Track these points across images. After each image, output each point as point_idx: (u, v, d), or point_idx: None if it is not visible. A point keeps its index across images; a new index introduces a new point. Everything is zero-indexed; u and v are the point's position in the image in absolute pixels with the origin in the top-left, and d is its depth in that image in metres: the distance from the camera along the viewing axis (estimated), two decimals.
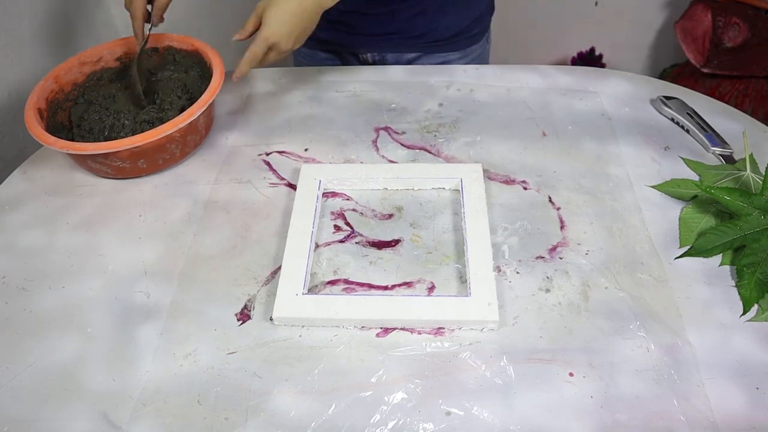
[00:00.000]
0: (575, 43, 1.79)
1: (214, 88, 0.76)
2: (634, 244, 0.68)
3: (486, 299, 0.60)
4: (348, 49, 1.01)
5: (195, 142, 0.80)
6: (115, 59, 0.87)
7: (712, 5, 1.51)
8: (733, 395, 0.54)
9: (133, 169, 0.76)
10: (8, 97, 0.87)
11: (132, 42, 0.87)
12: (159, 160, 0.77)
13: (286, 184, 0.77)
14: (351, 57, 1.02)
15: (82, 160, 0.77)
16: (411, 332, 0.60)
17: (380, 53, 1.01)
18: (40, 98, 0.78)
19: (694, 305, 0.62)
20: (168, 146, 0.76)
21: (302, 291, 0.61)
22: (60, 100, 0.82)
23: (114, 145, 0.71)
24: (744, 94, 1.55)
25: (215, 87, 0.77)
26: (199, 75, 0.87)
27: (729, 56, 1.52)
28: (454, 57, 1.01)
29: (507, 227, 0.70)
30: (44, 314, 0.63)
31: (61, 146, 0.71)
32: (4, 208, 0.76)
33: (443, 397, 0.55)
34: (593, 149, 0.80)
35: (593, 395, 0.55)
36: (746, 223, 0.65)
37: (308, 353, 0.59)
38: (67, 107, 0.83)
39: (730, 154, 0.77)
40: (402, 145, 0.82)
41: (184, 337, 0.60)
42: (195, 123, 0.77)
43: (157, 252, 0.69)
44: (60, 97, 0.82)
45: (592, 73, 0.93)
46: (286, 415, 0.54)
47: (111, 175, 0.77)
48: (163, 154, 0.76)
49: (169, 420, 0.54)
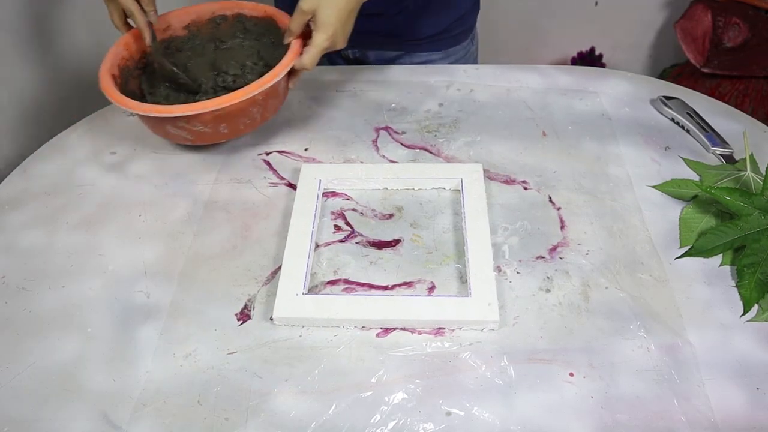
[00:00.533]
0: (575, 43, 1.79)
1: (296, 50, 0.74)
2: (634, 244, 0.68)
3: (486, 299, 0.60)
4: None
5: (275, 107, 0.79)
6: (182, 27, 0.86)
7: (712, 5, 1.51)
8: (733, 395, 0.54)
9: (214, 134, 0.75)
10: (8, 97, 0.87)
11: (201, 10, 0.86)
12: (240, 125, 0.76)
13: (286, 183, 0.77)
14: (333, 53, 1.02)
15: (160, 125, 0.74)
16: (411, 332, 0.60)
17: (361, 50, 1.01)
18: (113, 65, 0.77)
19: (695, 305, 0.62)
20: (250, 110, 0.74)
21: (302, 291, 0.61)
22: (130, 67, 0.81)
23: (199, 107, 0.69)
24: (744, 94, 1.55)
25: (297, 49, 0.75)
26: (271, 42, 0.85)
27: (729, 56, 1.52)
28: (436, 57, 1.00)
29: (507, 227, 0.70)
30: (44, 314, 0.63)
31: (145, 109, 0.70)
32: (4, 208, 0.76)
33: (443, 398, 0.55)
34: (593, 149, 0.80)
35: (593, 395, 0.55)
36: (746, 223, 0.65)
37: (308, 353, 0.59)
38: (137, 75, 0.82)
39: (730, 154, 0.77)
40: (402, 145, 0.82)
41: (184, 337, 0.60)
42: (276, 86, 0.75)
43: (157, 252, 0.69)
44: (130, 65, 0.81)
45: (592, 73, 0.93)
46: (287, 416, 0.54)
47: (189, 140, 0.76)
48: (244, 119, 0.75)
49: (169, 420, 0.54)
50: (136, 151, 0.83)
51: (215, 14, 0.86)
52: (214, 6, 0.86)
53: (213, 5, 0.86)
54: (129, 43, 0.81)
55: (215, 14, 0.86)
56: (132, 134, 0.86)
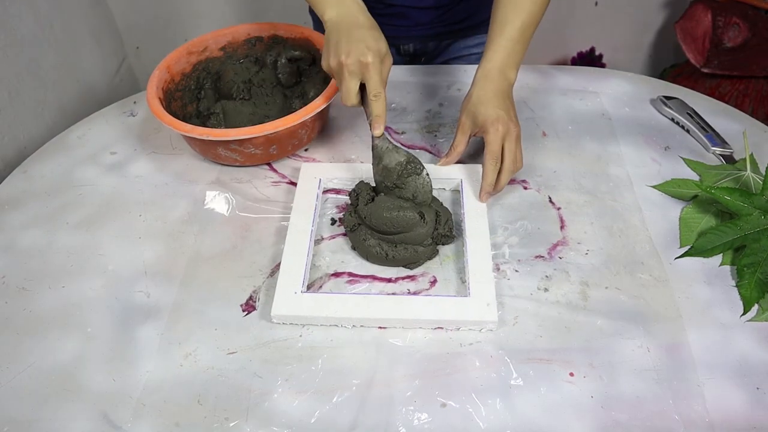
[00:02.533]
0: (575, 43, 1.79)
1: None
2: (634, 244, 0.68)
3: (485, 299, 0.60)
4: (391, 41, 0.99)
5: (319, 128, 0.81)
6: (219, 48, 0.87)
7: (712, 5, 1.51)
8: (733, 395, 0.54)
9: (264, 156, 0.77)
10: (8, 97, 0.87)
11: (237, 31, 0.87)
12: (289, 146, 0.77)
13: (286, 182, 0.77)
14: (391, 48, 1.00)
15: (210, 148, 0.75)
16: (410, 331, 0.60)
17: (422, 43, 0.99)
18: (158, 88, 0.78)
19: (694, 305, 0.62)
20: (299, 132, 0.76)
21: (301, 289, 0.61)
22: (171, 89, 0.82)
23: (255, 131, 0.71)
24: (744, 94, 1.55)
25: None
26: (308, 64, 0.86)
27: (729, 56, 1.51)
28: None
29: (507, 227, 0.70)
30: (44, 314, 0.63)
31: (200, 133, 0.71)
32: (4, 207, 0.76)
33: (443, 397, 0.55)
34: (593, 149, 0.80)
35: (593, 395, 0.55)
36: (746, 223, 0.65)
37: (308, 353, 0.59)
38: (177, 97, 0.83)
39: (730, 154, 0.77)
40: (402, 145, 0.81)
41: (185, 337, 0.60)
42: (326, 110, 0.77)
43: (157, 252, 0.69)
44: (171, 87, 0.82)
45: (592, 73, 0.93)
46: (287, 415, 0.54)
47: (239, 162, 0.77)
48: (293, 140, 0.77)
49: (169, 420, 0.54)
50: (136, 151, 0.83)
51: (251, 35, 0.88)
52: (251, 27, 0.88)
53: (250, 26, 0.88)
54: (170, 66, 0.82)
55: (251, 35, 0.88)
56: (132, 134, 0.86)
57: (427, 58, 1.02)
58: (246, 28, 0.88)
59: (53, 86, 0.98)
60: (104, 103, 0.94)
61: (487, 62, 0.72)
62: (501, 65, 0.71)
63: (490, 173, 0.68)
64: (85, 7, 1.15)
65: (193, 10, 1.49)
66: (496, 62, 0.71)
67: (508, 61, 0.71)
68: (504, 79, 0.71)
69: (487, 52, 0.72)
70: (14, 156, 0.87)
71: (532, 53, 0.76)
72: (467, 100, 0.72)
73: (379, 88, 0.66)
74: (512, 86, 0.73)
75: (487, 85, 0.71)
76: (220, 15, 1.51)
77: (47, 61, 0.98)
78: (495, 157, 0.68)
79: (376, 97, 0.66)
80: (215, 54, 0.87)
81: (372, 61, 0.65)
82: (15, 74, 0.89)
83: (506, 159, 0.68)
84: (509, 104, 0.71)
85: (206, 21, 1.51)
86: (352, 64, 0.65)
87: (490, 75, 0.71)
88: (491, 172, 0.68)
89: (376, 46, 0.66)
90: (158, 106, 0.75)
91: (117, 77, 1.26)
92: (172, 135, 0.85)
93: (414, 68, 0.95)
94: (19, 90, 0.90)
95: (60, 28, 1.03)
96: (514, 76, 0.73)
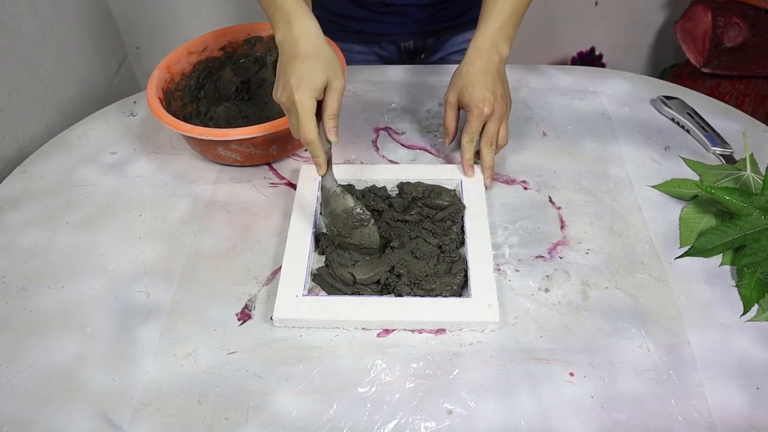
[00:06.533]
0: (575, 43, 1.79)
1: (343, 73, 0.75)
2: (634, 243, 0.68)
3: (486, 300, 0.60)
4: (391, 39, 0.98)
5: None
6: (219, 48, 0.87)
7: (712, 5, 1.51)
8: (733, 395, 0.54)
9: (264, 156, 0.77)
10: (8, 97, 0.87)
11: (237, 30, 0.87)
12: (289, 146, 0.78)
13: (286, 183, 0.77)
14: (391, 46, 1.00)
15: (211, 148, 0.75)
16: (412, 332, 0.60)
17: (422, 39, 0.99)
18: (158, 88, 0.78)
19: (694, 305, 0.62)
20: None
21: (302, 292, 0.61)
22: (171, 89, 0.82)
23: (255, 131, 0.71)
24: (744, 94, 1.55)
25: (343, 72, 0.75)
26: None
27: (729, 56, 1.51)
28: None
29: (507, 227, 0.70)
30: (44, 314, 0.63)
31: (200, 133, 0.71)
32: (4, 207, 0.76)
33: (444, 397, 0.55)
34: (593, 149, 0.80)
35: (593, 395, 0.55)
36: (746, 223, 0.65)
37: (309, 353, 0.59)
38: (177, 97, 0.83)
39: (730, 154, 0.77)
40: (402, 145, 0.82)
41: (184, 337, 0.60)
42: None
43: (157, 252, 0.69)
44: (171, 87, 0.82)
45: (592, 73, 0.93)
46: (287, 415, 0.54)
47: (239, 162, 0.77)
48: (293, 140, 0.77)
49: (169, 420, 0.54)
50: (136, 151, 0.83)
51: (251, 35, 0.88)
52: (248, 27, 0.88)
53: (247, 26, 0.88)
54: (170, 66, 0.82)
55: (251, 35, 0.88)
56: (132, 134, 0.86)
57: (427, 54, 1.02)
58: (246, 28, 0.88)
59: (53, 86, 0.98)
60: (104, 103, 0.94)
61: (479, 34, 0.72)
62: (493, 38, 0.71)
63: (466, 150, 0.72)
64: (85, 7, 1.14)
65: (193, 10, 1.49)
66: (488, 34, 0.71)
67: (500, 34, 0.71)
68: (495, 53, 0.71)
69: (480, 25, 0.72)
70: (14, 156, 0.87)
71: (532, 53, 0.76)
72: (456, 74, 0.72)
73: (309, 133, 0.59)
74: (504, 61, 0.72)
75: (477, 61, 0.71)
76: (220, 15, 1.51)
77: (47, 61, 0.98)
78: (471, 136, 0.71)
79: (308, 144, 0.60)
80: (215, 54, 0.87)
81: (299, 98, 0.58)
82: (15, 74, 0.89)
83: (483, 137, 0.71)
84: (498, 83, 0.70)
85: (206, 21, 1.51)
86: (285, 103, 0.61)
87: (482, 48, 0.71)
88: (467, 150, 0.72)
89: (310, 81, 0.59)
90: (158, 106, 0.75)
91: (117, 77, 1.26)
92: (172, 135, 0.85)
93: (414, 68, 0.95)
94: (19, 90, 0.89)
95: (60, 28, 1.03)
96: (507, 50, 0.72)
